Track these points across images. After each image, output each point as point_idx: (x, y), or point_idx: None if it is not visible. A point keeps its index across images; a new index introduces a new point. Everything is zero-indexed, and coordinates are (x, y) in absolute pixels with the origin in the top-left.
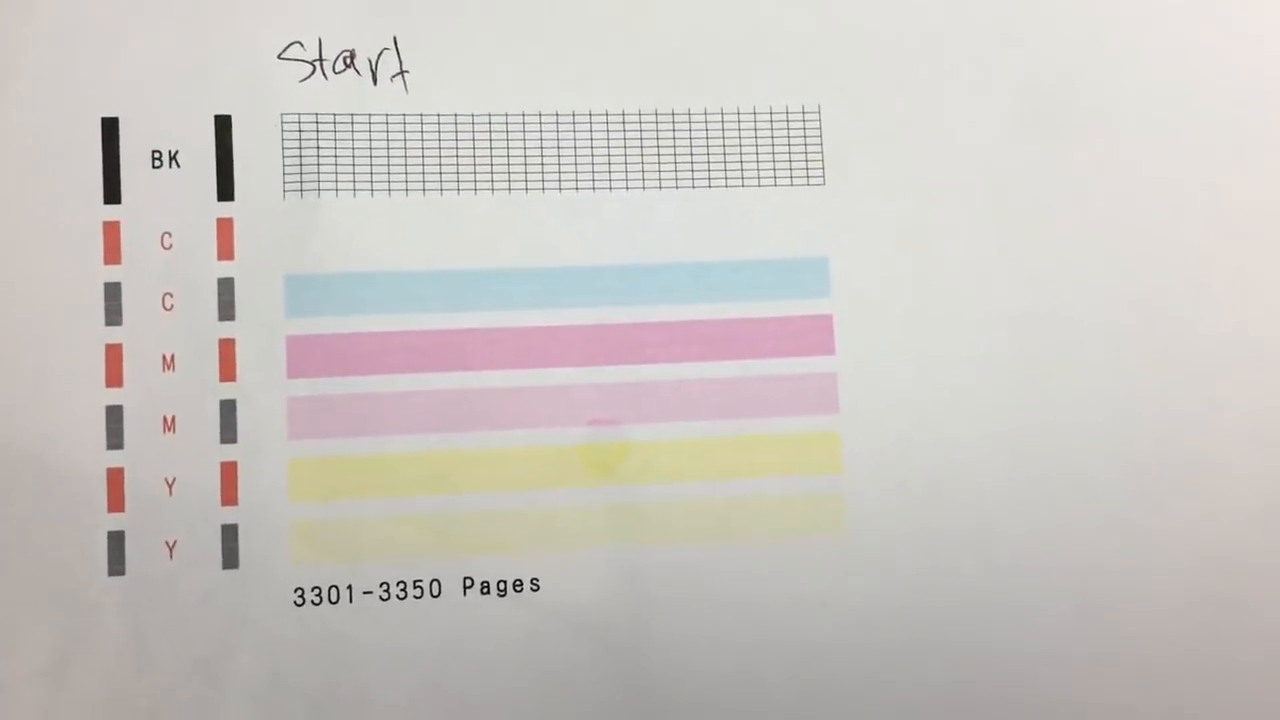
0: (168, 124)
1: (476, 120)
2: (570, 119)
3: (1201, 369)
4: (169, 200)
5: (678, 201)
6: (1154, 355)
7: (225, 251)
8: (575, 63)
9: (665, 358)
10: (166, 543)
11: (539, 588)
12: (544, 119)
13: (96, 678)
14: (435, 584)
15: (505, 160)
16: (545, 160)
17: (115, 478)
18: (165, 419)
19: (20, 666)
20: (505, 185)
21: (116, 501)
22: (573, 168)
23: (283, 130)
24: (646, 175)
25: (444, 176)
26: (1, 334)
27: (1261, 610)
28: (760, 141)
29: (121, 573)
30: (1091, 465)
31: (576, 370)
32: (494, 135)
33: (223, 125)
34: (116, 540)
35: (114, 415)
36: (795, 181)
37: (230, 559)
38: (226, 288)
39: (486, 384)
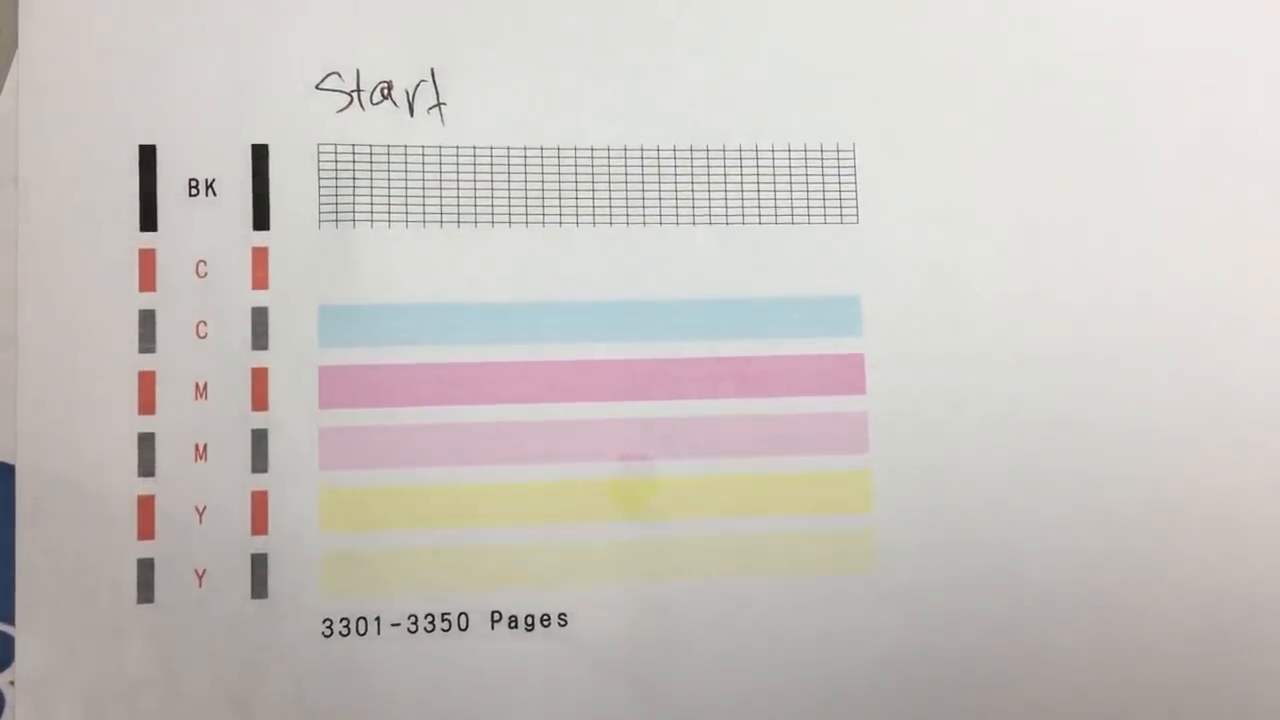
0: (205, 153)
1: (512, 153)
2: (605, 153)
3: (1232, 412)
4: (205, 229)
5: (711, 237)
6: (1184, 397)
7: (260, 281)
8: (611, 97)
9: (696, 394)
10: (196, 571)
11: (567, 622)
12: (579, 153)
13: (124, 705)
14: (463, 617)
15: (540, 193)
16: (579, 194)
17: (146, 505)
18: (197, 447)
19: (48, 693)
20: (540, 219)
21: (147, 529)
22: (606, 202)
23: (319, 160)
24: (680, 211)
25: (479, 209)
26: (35, 359)
27: None
28: (795, 179)
29: (150, 600)
30: (1121, 505)
31: (607, 405)
32: (529, 168)
33: (259, 155)
34: (146, 568)
35: (146, 443)
36: (829, 219)
37: (259, 589)
38: (260, 317)
39: (517, 417)
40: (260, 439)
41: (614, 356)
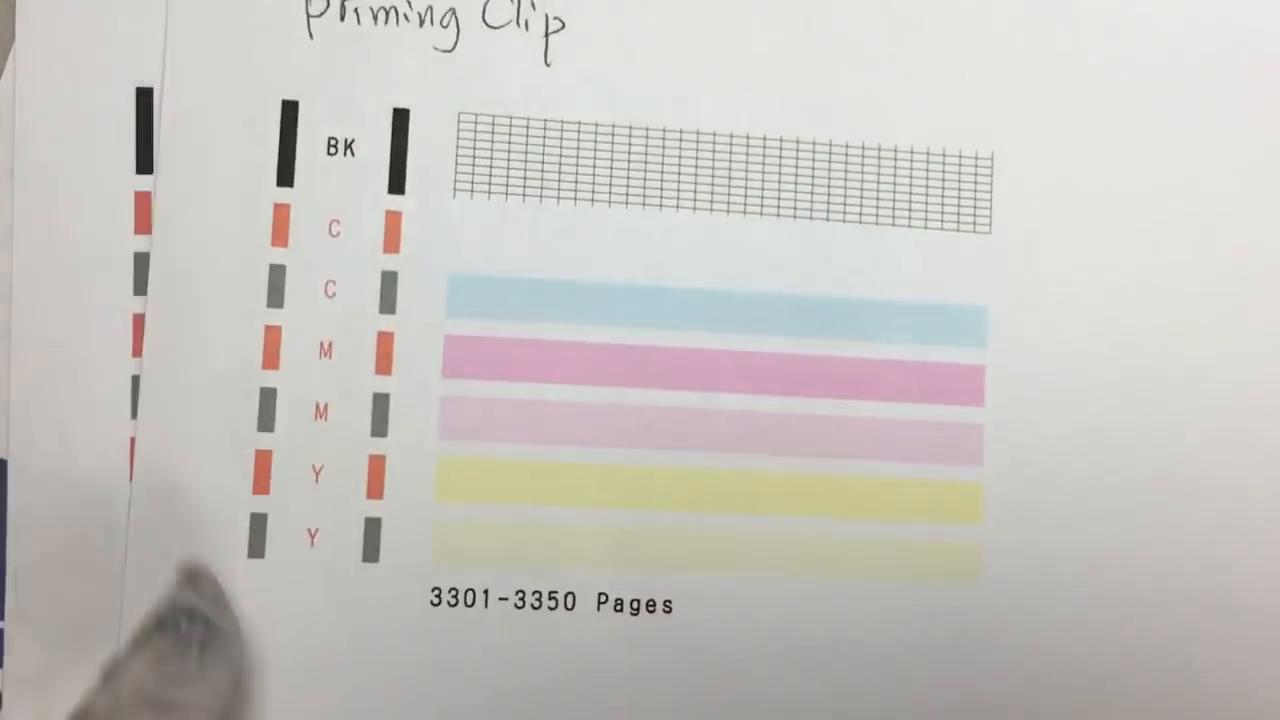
0: (346, 112)
1: (650, 134)
2: (744, 141)
3: None
4: (341, 188)
5: (844, 234)
6: None
7: (392, 245)
8: (761, 89)
9: (818, 392)
10: (309, 530)
11: (671, 609)
12: (734, 139)
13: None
14: (570, 597)
15: (694, 178)
16: (715, 180)
17: (264, 460)
18: (318, 406)
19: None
20: (674, 203)
21: (263, 484)
22: (742, 191)
23: (459, 129)
24: (815, 205)
25: (613, 188)
26: (165, 309)
27: None
28: (931, 183)
29: (261, 556)
30: (1232, 534)
31: (727, 396)
32: (684, 150)
33: (400, 118)
34: (259, 523)
35: (268, 397)
36: (962, 227)
37: (371, 553)
38: (390, 281)
39: (635, 401)
40: (382, 403)
41: (741, 348)
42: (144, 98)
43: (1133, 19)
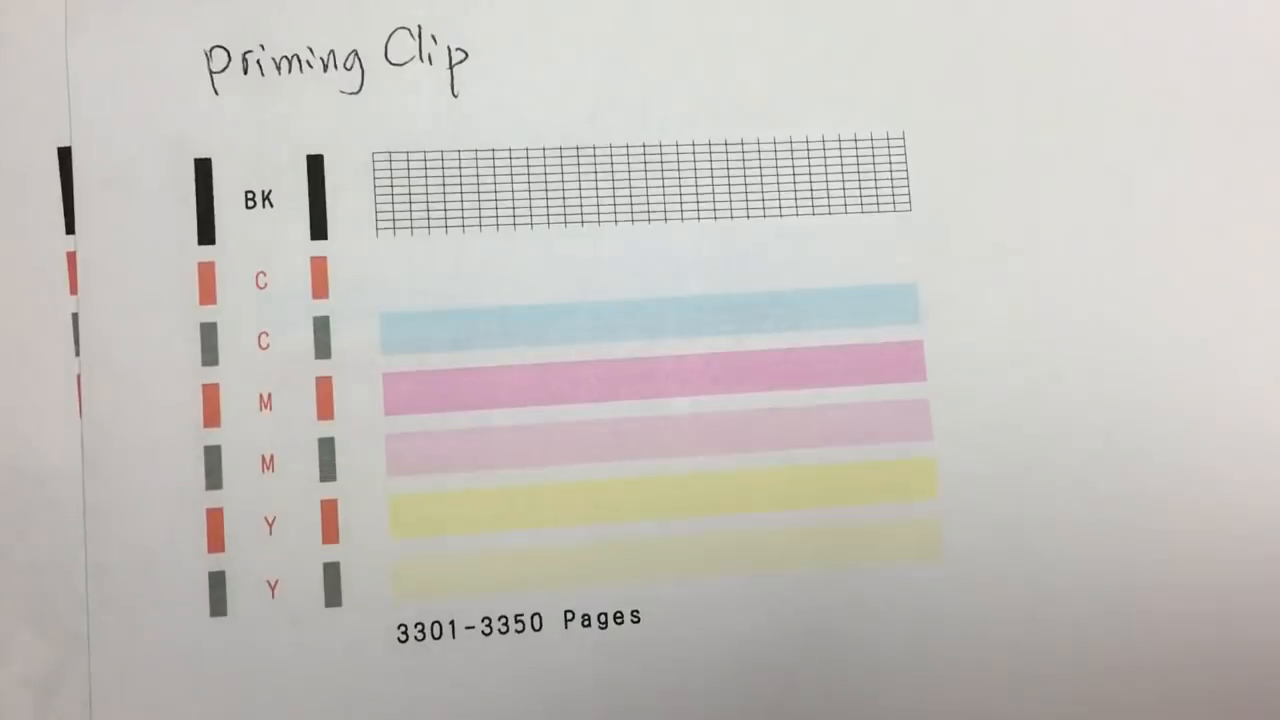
0: (260, 164)
1: (581, 152)
2: (674, 150)
3: None
4: (263, 239)
5: (766, 231)
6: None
7: (320, 290)
8: (667, 98)
9: (763, 386)
10: (268, 582)
11: (640, 619)
12: (647, 149)
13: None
14: (536, 617)
15: (611, 191)
16: (650, 191)
17: (215, 518)
18: (264, 458)
19: (122, 707)
20: (612, 216)
21: (216, 542)
22: (661, 198)
23: (374, 168)
24: (735, 205)
25: (533, 211)
26: (100, 376)
27: None
28: (846, 169)
29: (224, 614)
30: (1183, 488)
31: (675, 400)
32: (599, 165)
33: (315, 165)
34: (218, 581)
35: (212, 455)
36: (882, 208)
37: (333, 597)
38: (322, 326)
39: (585, 416)
40: (327, 447)
41: (679, 352)
42: (65, 157)
43: None
